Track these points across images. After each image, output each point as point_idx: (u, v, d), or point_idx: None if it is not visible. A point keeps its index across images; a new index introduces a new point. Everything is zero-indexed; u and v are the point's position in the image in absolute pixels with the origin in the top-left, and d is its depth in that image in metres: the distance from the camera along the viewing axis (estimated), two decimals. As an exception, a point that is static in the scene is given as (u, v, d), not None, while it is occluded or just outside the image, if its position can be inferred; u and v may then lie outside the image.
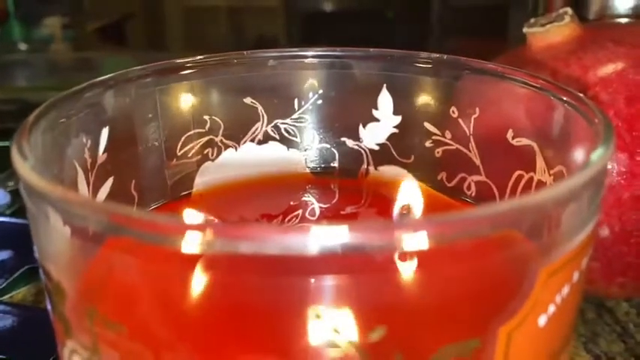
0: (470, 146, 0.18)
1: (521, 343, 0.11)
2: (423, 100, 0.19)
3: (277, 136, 0.20)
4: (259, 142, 0.20)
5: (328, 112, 0.20)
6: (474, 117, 0.18)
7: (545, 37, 0.24)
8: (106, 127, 0.17)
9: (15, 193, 0.32)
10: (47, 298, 0.13)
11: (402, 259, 0.12)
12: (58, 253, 0.12)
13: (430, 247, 0.10)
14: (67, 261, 0.12)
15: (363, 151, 0.20)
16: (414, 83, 0.19)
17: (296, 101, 0.20)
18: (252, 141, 0.20)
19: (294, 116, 0.20)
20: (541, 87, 0.16)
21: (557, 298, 0.11)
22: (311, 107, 0.20)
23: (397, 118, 0.20)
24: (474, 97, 0.18)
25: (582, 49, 0.23)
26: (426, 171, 0.20)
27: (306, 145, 0.20)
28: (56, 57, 0.71)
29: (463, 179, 0.19)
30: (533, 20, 0.25)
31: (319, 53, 0.20)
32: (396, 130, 0.20)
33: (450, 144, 0.19)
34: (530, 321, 0.11)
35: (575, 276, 0.12)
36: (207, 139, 0.20)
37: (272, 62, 0.19)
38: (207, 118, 0.19)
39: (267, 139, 0.20)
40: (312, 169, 0.21)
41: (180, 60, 0.18)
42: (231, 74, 0.19)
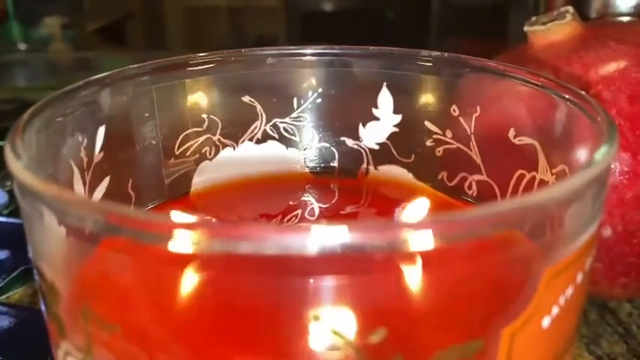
0: (471, 145, 0.18)
1: (525, 345, 0.11)
2: (423, 98, 0.19)
3: (276, 135, 0.20)
4: (258, 141, 0.20)
5: (328, 111, 0.20)
6: (475, 115, 0.18)
7: (546, 35, 0.24)
8: (103, 126, 0.17)
9: (12, 193, 0.32)
10: (41, 298, 0.13)
11: (403, 259, 0.12)
12: (53, 253, 0.12)
13: (431, 248, 0.10)
14: (61, 261, 0.12)
15: (362, 151, 0.20)
16: (415, 81, 0.19)
17: (295, 100, 0.20)
18: (250, 140, 0.20)
19: (293, 115, 0.20)
20: (543, 85, 0.16)
21: (561, 300, 0.11)
22: (310, 106, 0.20)
23: (397, 117, 0.19)
24: (475, 96, 0.18)
25: (584, 48, 0.23)
26: (426, 170, 0.19)
27: (306, 144, 0.20)
28: (56, 57, 0.71)
29: (464, 179, 0.19)
30: (534, 19, 0.24)
31: (318, 51, 0.19)
32: (396, 129, 0.20)
33: (451, 143, 0.19)
34: (533, 322, 0.11)
35: (579, 277, 0.12)
36: (205, 138, 0.19)
37: (271, 60, 0.19)
38: (205, 116, 0.19)
39: (265, 138, 0.20)
40: (312, 168, 0.20)
41: (178, 58, 0.18)
42: (230, 72, 0.19)
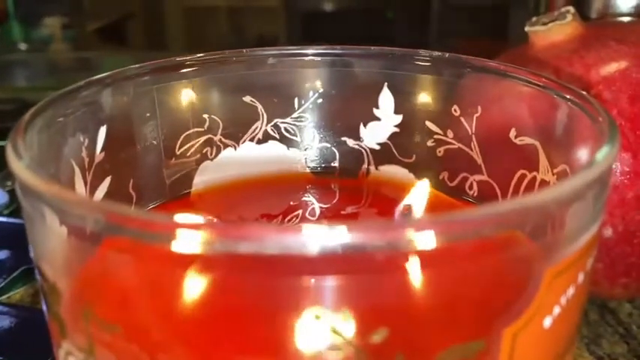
0: (472, 145, 0.18)
1: (526, 345, 0.11)
2: (424, 98, 0.19)
3: (277, 135, 0.20)
4: (259, 142, 0.20)
5: (329, 111, 0.20)
6: (476, 116, 0.18)
7: (547, 35, 0.24)
8: (104, 126, 0.17)
9: (13, 193, 0.32)
10: (43, 298, 0.13)
11: (404, 259, 0.12)
12: (54, 253, 0.12)
13: (432, 248, 0.10)
14: (63, 261, 0.12)
15: (363, 151, 0.20)
16: (416, 82, 0.19)
17: (296, 100, 0.20)
18: (251, 140, 0.20)
19: (294, 115, 0.20)
20: (544, 85, 0.16)
21: (563, 300, 0.11)
22: (311, 106, 0.20)
23: (398, 117, 0.19)
24: (476, 96, 0.18)
25: (585, 48, 0.23)
26: (427, 170, 0.19)
27: (307, 144, 0.20)
28: (56, 57, 0.71)
29: (465, 179, 0.19)
30: (535, 19, 0.24)
31: (319, 51, 0.19)
32: (397, 129, 0.19)
33: (452, 143, 0.19)
34: (535, 323, 0.11)
35: (580, 277, 0.12)
36: (206, 138, 0.19)
37: (272, 60, 0.19)
38: (206, 116, 0.19)
39: (266, 138, 0.20)
40: (313, 168, 0.20)
41: (179, 58, 0.18)
42: (231, 72, 0.19)
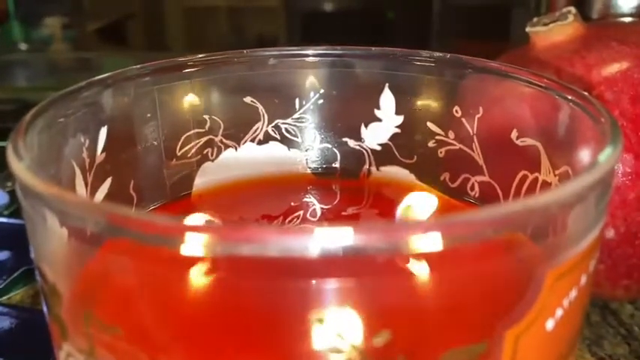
0: (473, 146, 0.18)
1: (529, 348, 0.11)
2: (425, 99, 0.19)
3: (278, 136, 0.20)
4: (260, 142, 0.20)
5: (330, 112, 0.20)
6: (477, 116, 0.18)
7: (548, 36, 0.24)
8: (105, 127, 0.17)
9: (14, 194, 0.32)
10: (43, 300, 0.12)
11: (405, 261, 0.12)
12: (55, 254, 0.12)
13: (433, 250, 0.10)
14: (63, 262, 0.12)
15: (364, 152, 0.20)
16: (417, 82, 0.19)
17: (297, 101, 0.20)
18: (252, 141, 0.20)
19: (295, 116, 0.20)
20: (546, 86, 0.16)
21: (565, 302, 0.11)
22: (312, 107, 0.20)
23: (399, 118, 0.19)
24: (478, 97, 0.18)
25: (586, 49, 0.23)
26: (428, 171, 0.19)
27: (308, 145, 0.20)
28: (56, 57, 0.71)
29: (466, 180, 0.19)
30: (536, 19, 0.24)
31: (320, 52, 0.19)
32: (398, 130, 0.19)
33: (453, 144, 0.19)
34: (537, 325, 0.11)
35: (583, 279, 0.12)
36: (206, 138, 0.19)
37: (273, 61, 0.19)
38: (206, 117, 0.19)
39: (267, 139, 0.20)
40: (314, 169, 0.20)
41: (180, 59, 0.18)
42: (232, 73, 0.19)
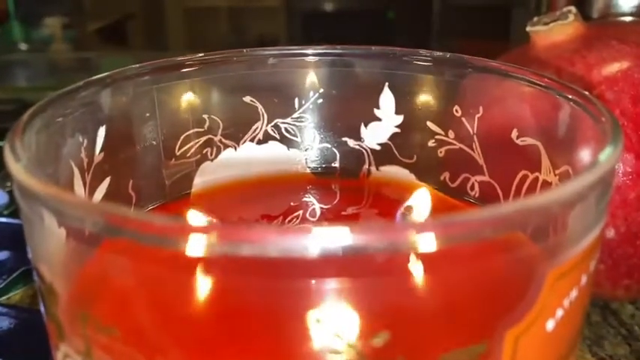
0: (473, 146, 0.18)
1: (529, 348, 0.11)
2: (425, 99, 0.19)
3: (277, 135, 0.20)
4: (259, 142, 0.20)
5: (329, 112, 0.20)
6: (477, 116, 0.18)
7: (548, 35, 0.24)
8: (103, 126, 0.16)
9: (13, 194, 0.32)
10: (40, 300, 0.12)
11: (405, 261, 0.12)
12: (53, 254, 0.12)
13: (433, 250, 0.09)
14: (61, 263, 0.12)
15: (364, 151, 0.20)
16: (417, 82, 0.19)
17: (296, 100, 0.20)
18: (251, 140, 0.20)
19: (295, 115, 0.20)
20: (546, 85, 0.16)
21: (565, 302, 0.11)
22: (312, 106, 0.20)
23: (399, 118, 0.19)
24: (478, 96, 0.18)
25: (586, 48, 0.23)
26: (428, 171, 0.19)
27: (307, 144, 0.20)
28: (56, 57, 0.71)
29: (466, 179, 0.19)
30: (536, 19, 0.24)
31: (320, 51, 0.19)
32: (398, 129, 0.19)
33: (453, 144, 0.18)
34: (537, 325, 0.11)
35: (583, 279, 0.12)
36: (206, 138, 0.19)
37: (272, 60, 0.19)
38: (206, 117, 0.19)
39: (267, 138, 0.20)
40: (313, 169, 0.20)
41: (179, 58, 0.18)
42: (231, 72, 0.19)
